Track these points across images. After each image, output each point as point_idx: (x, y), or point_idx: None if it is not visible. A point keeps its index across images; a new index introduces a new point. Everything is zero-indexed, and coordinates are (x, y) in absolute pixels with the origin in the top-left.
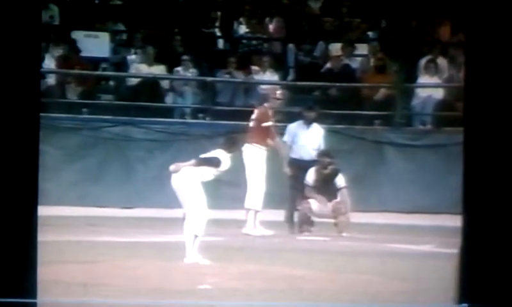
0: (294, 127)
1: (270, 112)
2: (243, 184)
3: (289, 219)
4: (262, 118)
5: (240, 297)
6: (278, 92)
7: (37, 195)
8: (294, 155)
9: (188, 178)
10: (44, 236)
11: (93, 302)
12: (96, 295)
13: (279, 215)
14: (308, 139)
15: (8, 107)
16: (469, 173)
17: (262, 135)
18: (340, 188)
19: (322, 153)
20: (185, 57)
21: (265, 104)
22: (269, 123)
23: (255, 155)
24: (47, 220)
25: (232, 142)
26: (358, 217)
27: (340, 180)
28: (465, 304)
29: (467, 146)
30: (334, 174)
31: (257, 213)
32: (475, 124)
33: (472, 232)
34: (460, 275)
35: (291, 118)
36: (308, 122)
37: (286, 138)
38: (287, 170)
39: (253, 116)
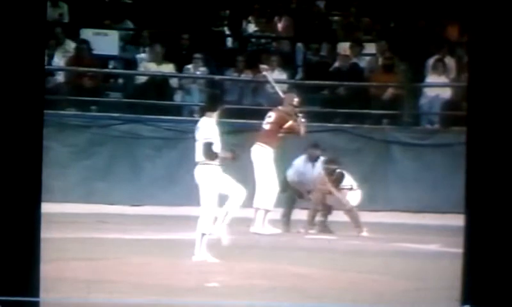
0: (298, 164)
1: (287, 116)
2: (252, 183)
3: (285, 217)
4: (280, 121)
5: (247, 295)
6: (296, 99)
7: (40, 192)
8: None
9: (209, 174)
10: (52, 234)
11: (95, 302)
12: (103, 292)
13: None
14: (313, 176)
15: (12, 104)
16: (472, 172)
17: (275, 137)
18: (345, 189)
19: (328, 161)
20: (197, 55)
21: (280, 108)
22: (290, 123)
23: (264, 156)
24: (55, 218)
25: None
26: (365, 216)
27: (347, 182)
28: (468, 306)
29: (470, 145)
30: (340, 178)
31: (267, 212)
32: (478, 123)
33: (474, 231)
34: (463, 276)
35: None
36: (313, 159)
37: (290, 173)
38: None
39: (270, 119)
